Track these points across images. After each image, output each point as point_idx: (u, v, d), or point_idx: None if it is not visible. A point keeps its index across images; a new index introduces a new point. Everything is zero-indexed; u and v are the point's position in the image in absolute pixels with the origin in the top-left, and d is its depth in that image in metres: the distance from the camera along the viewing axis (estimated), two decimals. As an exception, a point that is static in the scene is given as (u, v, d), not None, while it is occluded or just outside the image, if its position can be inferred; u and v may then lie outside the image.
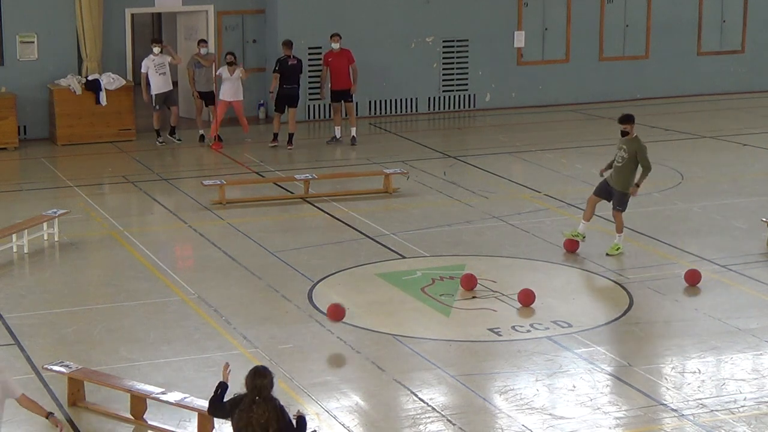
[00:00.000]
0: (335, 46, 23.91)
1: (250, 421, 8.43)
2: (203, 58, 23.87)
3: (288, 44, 23.61)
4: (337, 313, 14.11)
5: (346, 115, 24.25)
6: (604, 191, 16.71)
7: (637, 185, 16.56)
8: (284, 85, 23.54)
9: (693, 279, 15.42)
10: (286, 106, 23.58)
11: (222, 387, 8.87)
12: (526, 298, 14.65)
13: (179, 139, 23.82)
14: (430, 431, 11.47)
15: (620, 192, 16.55)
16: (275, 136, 23.71)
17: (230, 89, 23.35)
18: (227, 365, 8.97)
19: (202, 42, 24.33)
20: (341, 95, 24.09)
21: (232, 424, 8.59)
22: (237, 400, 8.63)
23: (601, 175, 16.85)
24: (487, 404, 12.06)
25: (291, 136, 23.59)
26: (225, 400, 8.80)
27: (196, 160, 23.19)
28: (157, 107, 23.49)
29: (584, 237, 16.75)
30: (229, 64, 23.33)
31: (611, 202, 16.73)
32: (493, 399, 12.19)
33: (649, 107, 27.77)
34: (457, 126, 26.66)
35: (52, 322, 14.34)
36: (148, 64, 23.40)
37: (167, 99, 23.65)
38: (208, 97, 23.96)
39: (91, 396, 12.04)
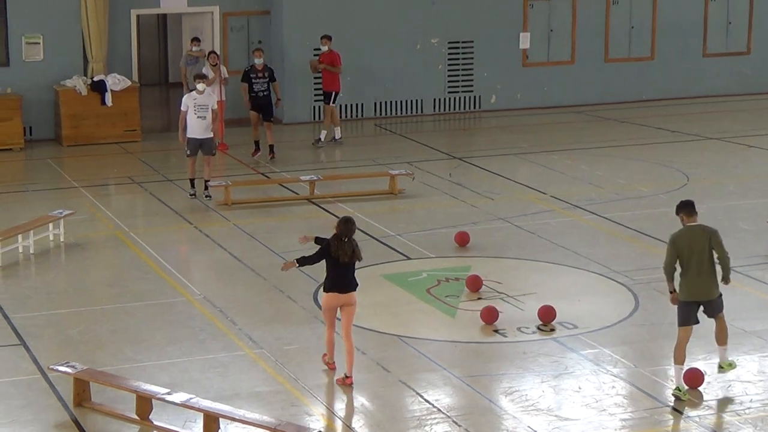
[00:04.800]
0: (324, 48, 23.89)
1: (344, 251, 12.20)
2: (196, 53, 24.00)
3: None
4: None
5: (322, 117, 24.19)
6: (694, 315, 12.40)
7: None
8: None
9: (695, 381, 12.38)
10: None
11: (304, 259, 12.57)
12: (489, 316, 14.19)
13: (208, 196, 19.77)
14: (436, 432, 11.48)
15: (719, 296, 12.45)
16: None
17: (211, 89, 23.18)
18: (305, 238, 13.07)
19: (195, 40, 24.41)
20: (324, 97, 24.11)
21: (331, 253, 12.27)
22: (328, 242, 12.34)
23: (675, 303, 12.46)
24: (493, 405, 12.06)
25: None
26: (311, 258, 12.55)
27: (202, 161, 23.17)
28: (189, 152, 19.78)
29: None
30: (213, 64, 23.23)
31: (707, 313, 12.49)
32: (499, 400, 12.18)
33: (655, 109, 27.77)
34: (463, 127, 26.65)
35: (58, 323, 14.35)
36: (188, 103, 19.67)
37: (202, 146, 19.74)
38: None
39: (97, 396, 12.04)
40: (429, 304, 14.92)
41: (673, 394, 12.13)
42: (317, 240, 12.73)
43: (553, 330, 13.94)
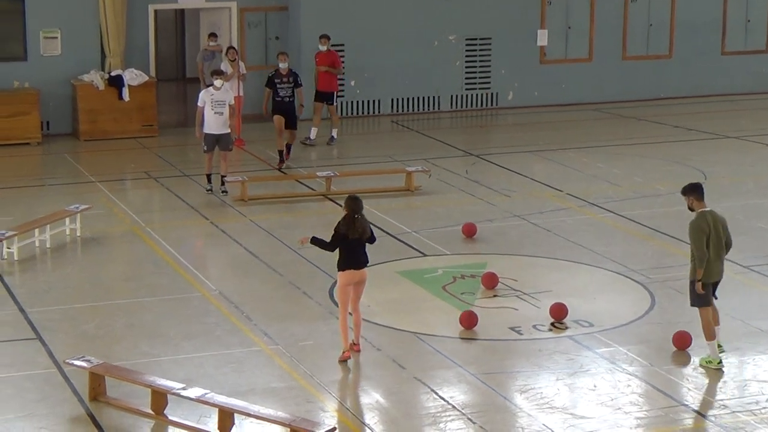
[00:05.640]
0: (322, 48, 23.77)
1: (355, 228, 12.71)
2: (213, 48, 24.03)
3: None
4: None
5: (328, 117, 24.05)
6: (711, 294, 13.00)
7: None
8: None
9: (682, 343, 13.31)
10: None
11: (317, 240, 12.92)
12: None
13: (225, 191, 19.82)
14: (451, 429, 11.46)
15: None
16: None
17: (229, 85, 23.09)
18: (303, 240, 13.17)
19: (212, 36, 24.45)
20: (323, 97, 23.84)
21: (342, 232, 12.74)
22: (338, 224, 12.82)
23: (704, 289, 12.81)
24: (508, 403, 12.04)
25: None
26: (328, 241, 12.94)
27: (219, 156, 23.16)
28: (206, 148, 19.72)
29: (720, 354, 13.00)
30: (231, 60, 23.21)
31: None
32: (514, 398, 12.16)
33: (673, 107, 27.70)
34: (480, 124, 26.62)
35: (74, 317, 14.38)
36: (205, 99, 19.57)
37: (219, 142, 19.69)
38: None
39: (112, 391, 12.06)
40: (444, 301, 14.91)
41: (701, 365, 12.79)
42: (314, 240, 13.00)
43: (567, 328, 13.91)
